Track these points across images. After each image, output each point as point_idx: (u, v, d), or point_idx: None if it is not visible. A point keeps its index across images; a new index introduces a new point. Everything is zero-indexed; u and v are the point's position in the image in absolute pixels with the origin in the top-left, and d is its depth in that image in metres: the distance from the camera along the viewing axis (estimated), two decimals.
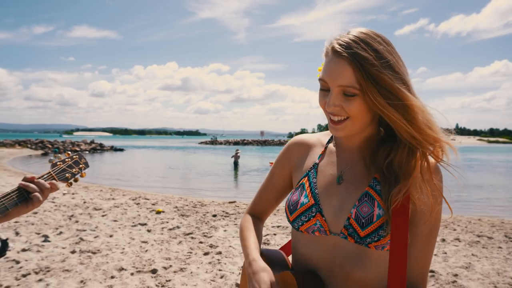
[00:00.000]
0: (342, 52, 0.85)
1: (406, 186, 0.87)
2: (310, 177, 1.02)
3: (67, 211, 7.11)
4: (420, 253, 0.92)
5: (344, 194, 0.96)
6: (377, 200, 0.90)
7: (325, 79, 0.89)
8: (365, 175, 0.96)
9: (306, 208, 0.97)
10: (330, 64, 0.88)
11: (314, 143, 1.11)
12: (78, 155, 1.34)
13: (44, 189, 1.12)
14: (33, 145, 40.65)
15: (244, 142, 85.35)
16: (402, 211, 0.87)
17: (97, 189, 11.30)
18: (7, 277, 3.73)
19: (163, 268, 4.09)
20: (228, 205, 8.98)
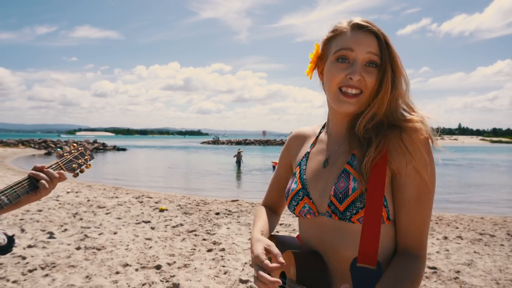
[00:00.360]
0: (369, 26, 0.95)
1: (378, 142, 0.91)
2: (301, 165, 1.09)
3: (71, 209, 7.17)
4: (410, 219, 0.91)
5: (328, 176, 1.00)
6: (352, 174, 0.94)
7: (354, 46, 0.93)
8: (345, 154, 1.00)
9: (295, 193, 1.04)
10: (357, 35, 0.95)
11: (309, 133, 1.18)
12: (83, 147, 1.38)
13: (53, 178, 1.16)
14: (36, 145, 40.84)
15: (246, 142, 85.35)
16: (378, 175, 0.89)
17: (100, 187, 11.37)
18: (14, 272, 3.78)
19: (167, 264, 4.14)
20: (230, 203, 9.01)
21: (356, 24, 0.96)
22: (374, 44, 0.94)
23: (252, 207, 8.36)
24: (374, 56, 0.93)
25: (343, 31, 0.98)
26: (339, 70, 0.95)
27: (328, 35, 1.02)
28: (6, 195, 1.07)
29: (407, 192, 0.92)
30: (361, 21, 0.96)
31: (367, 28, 0.95)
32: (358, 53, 0.93)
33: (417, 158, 0.90)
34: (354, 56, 0.94)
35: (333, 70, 0.97)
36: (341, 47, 0.95)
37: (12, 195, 1.08)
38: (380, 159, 0.91)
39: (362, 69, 0.93)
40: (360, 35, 0.95)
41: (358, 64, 0.93)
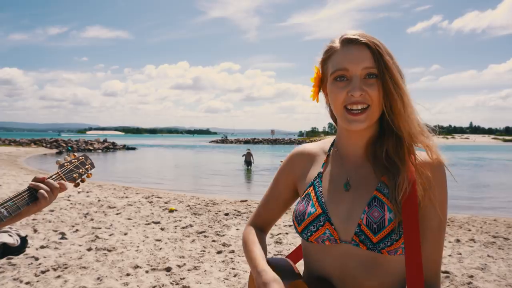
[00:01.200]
0: (359, 38, 0.92)
1: (406, 172, 0.90)
2: (316, 186, 1.02)
3: (82, 209, 7.25)
4: (432, 249, 0.93)
5: (352, 201, 0.95)
6: (386, 203, 0.91)
7: (347, 66, 0.91)
8: (371, 179, 0.97)
9: (314, 217, 0.96)
10: (348, 51, 0.92)
11: (316, 152, 1.11)
12: (84, 156, 1.38)
13: (53, 188, 1.16)
14: (48, 144, 41.42)
15: (254, 141, 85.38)
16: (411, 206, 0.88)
17: (110, 187, 11.47)
18: (27, 273, 3.83)
19: (177, 266, 4.15)
20: (239, 203, 9.02)
21: (346, 39, 0.94)
22: (367, 57, 0.91)
23: None
24: (371, 69, 0.91)
25: (336, 49, 0.96)
26: (340, 89, 0.93)
27: (323, 57, 1.00)
28: (6, 208, 1.07)
29: (429, 223, 0.93)
30: (351, 35, 0.93)
31: (357, 41, 0.92)
32: (353, 71, 0.91)
33: (439, 192, 0.92)
34: (350, 74, 0.92)
35: (334, 90, 0.94)
36: (336, 68, 0.93)
37: (12, 208, 1.08)
38: (410, 188, 0.90)
39: (362, 83, 0.91)
40: (352, 51, 0.92)
41: (356, 80, 0.91)
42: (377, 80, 0.91)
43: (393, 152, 0.94)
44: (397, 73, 0.92)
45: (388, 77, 0.89)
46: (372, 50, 0.90)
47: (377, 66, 0.90)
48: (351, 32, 0.94)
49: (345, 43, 0.93)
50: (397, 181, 0.90)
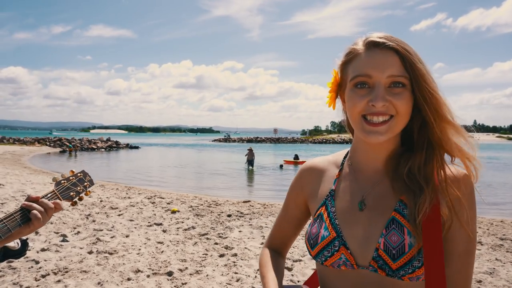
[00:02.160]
0: (386, 42, 0.82)
1: (430, 192, 0.81)
2: (328, 206, 0.94)
3: (84, 210, 7.20)
4: (459, 274, 0.83)
5: (368, 222, 0.87)
6: (406, 226, 0.82)
7: (370, 72, 0.81)
8: (389, 198, 0.88)
9: (328, 241, 0.89)
10: (373, 56, 0.82)
11: (326, 166, 1.03)
12: (82, 172, 1.31)
13: (48, 209, 1.09)
14: (52, 143, 41.55)
15: (257, 139, 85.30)
16: (434, 229, 0.80)
17: (113, 187, 11.44)
18: (27, 277, 3.78)
19: (178, 271, 4.08)
20: (242, 204, 8.95)
21: (371, 42, 0.84)
22: (395, 64, 0.81)
23: (264, 209, 8.28)
24: (398, 77, 0.80)
25: (358, 52, 0.85)
26: (359, 97, 0.83)
27: (344, 59, 0.90)
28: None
29: (456, 247, 0.84)
30: (377, 38, 0.83)
31: (385, 45, 0.82)
32: (377, 78, 0.81)
33: (467, 213, 0.83)
34: (373, 81, 0.82)
35: (353, 98, 0.84)
36: (357, 73, 0.83)
37: (2, 230, 1.01)
38: (432, 209, 0.81)
39: (386, 92, 0.81)
40: (377, 56, 0.82)
41: (380, 88, 0.81)
42: (405, 89, 0.81)
43: (417, 169, 0.85)
44: (432, 82, 0.82)
45: (423, 86, 0.80)
46: (401, 56, 0.81)
47: (407, 74, 0.80)
48: (376, 34, 0.84)
49: (370, 46, 0.83)
50: (418, 201, 0.81)
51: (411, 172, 0.85)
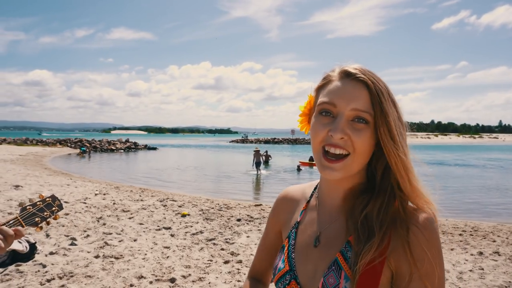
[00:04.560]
0: (358, 74, 0.79)
1: (379, 239, 0.75)
2: (290, 238, 0.93)
3: (97, 213, 7.31)
4: None
5: (319, 259, 0.84)
6: (344, 269, 0.78)
7: (335, 101, 0.78)
8: (340, 238, 0.84)
9: (281, 274, 0.89)
10: (343, 86, 0.80)
11: (299, 197, 1.01)
12: (51, 197, 1.30)
13: (7, 236, 1.10)
14: (73, 144, 42.64)
15: (274, 140, 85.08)
16: (372, 278, 0.74)
17: (127, 189, 11.59)
18: (32, 281, 3.84)
19: (182, 277, 4.07)
20: (253, 208, 8.91)
21: (345, 71, 0.81)
22: (362, 98, 0.77)
23: None
24: (362, 112, 0.76)
25: (332, 79, 0.83)
26: (321, 125, 0.79)
27: (319, 84, 0.87)
28: None
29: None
30: (352, 68, 0.81)
31: (356, 77, 0.79)
32: (340, 108, 0.77)
33: (426, 265, 0.74)
34: (337, 111, 0.78)
35: (315, 125, 0.81)
36: (323, 100, 0.80)
37: None
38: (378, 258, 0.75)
39: (348, 126, 0.77)
40: (346, 86, 0.79)
41: (341, 120, 0.77)
42: (368, 126, 0.77)
43: (375, 213, 0.79)
44: (399, 124, 0.78)
45: (386, 128, 0.76)
46: (371, 91, 0.77)
47: (372, 111, 0.76)
48: (352, 65, 0.82)
49: (343, 75, 0.81)
50: (364, 246, 0.75)
51: (367, 217, 0.80)
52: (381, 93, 0.78)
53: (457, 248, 5.70)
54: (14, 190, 9.57)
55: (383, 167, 0.81)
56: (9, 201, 7.99)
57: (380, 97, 0.77)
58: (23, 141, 43.86)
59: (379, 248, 0.75)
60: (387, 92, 0.80)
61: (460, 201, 11.72)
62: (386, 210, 0.79)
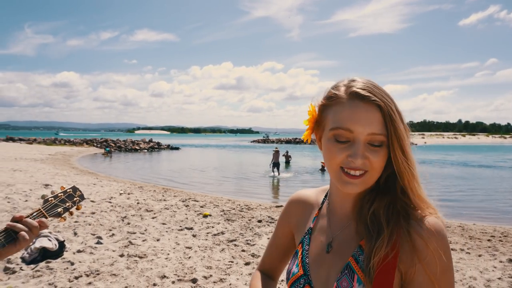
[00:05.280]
0: (370, 96, 0.79)
1: (389, 235, 0.78)
2: (304, 244, 0.97)
3: (121, 212, 7.51)
4: None
5: (331, 264, 0.88)
6: (356, 272, 0.80)
7: (351, 127, 0.78)
8: (351, 243, 0.86)
9: (295, 278, 0.92)
10: (356, 110, 0.79)
11: (311, 201, 1.05)
12: (72, 188, 1.34)
13: (32, 227, 1.14)
14: (98, 144, 43.91)
15: (295, 140, 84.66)
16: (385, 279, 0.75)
17: (151, 189, 11.84)
18: (61, 278, 3.99)
19: (203, 278, 4.13)
20: (274, 209, 8.91)
21: (355, 93, 0.80)
22: (376, 120, 0.78)
23: None
24: (378, 136, 0.78)
25: (341, 100, 0.81)
26: (339, 150, 0.80)
27: (324, 102, 0.86)
28: None
29: None
30: (361, 90, 0.79)
31: (369, 99, 0.78)
32: (357, 134, 0.78)
33: (434, 265, 0.76)
34: (353, 137, 0.79)
35: (332, 149, 0.81)
36: (338, 125, 0.80)
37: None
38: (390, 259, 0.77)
39: (365, 149, 0.79)
40: (360, 110, 0.79)
41: (359, 146, 0.78)
42: (383, 146, 0.79)
43: (381, 211, 0.82)
44: (407, 139, 0.80)
45: (398, 146, 0.78)
46: (384, 113, 0.78)
47: (386, 131, 0.78)
48: (360, 84, 0.81)
49: (353, 97, 0.80)
50: (374, 246, 0.78)
51: (375, 213, 0.83)
52: (392, 112, 0.78)
53: (485, 254, 5.51)
54: (43, 189, 9.95)
55: (387, 173, 0.84)
56: (39, 200, 8.32)
57: (392, 116, 0.78)
58: (52, 141, 45.55)
59: (390, 243, 0.77)
60: (395, 107, 0.80)
61: (489, 204, 11.31)
62: (392, 207, 0.82)
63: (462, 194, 13.25)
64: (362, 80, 0.82)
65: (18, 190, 9.35)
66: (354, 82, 0.82)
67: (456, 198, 12.22)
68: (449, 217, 8.95)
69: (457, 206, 10.63)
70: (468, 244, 6.10)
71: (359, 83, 0.81)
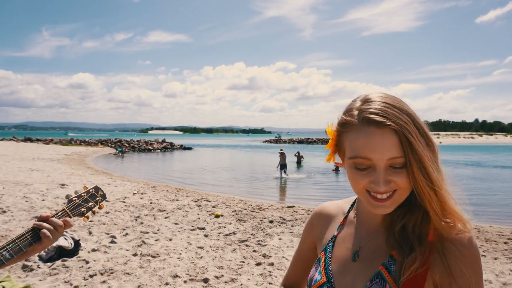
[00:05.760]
0: (384, 121, 0.76)
1: (422, 253, 0.77)
2: (327, 251, 0.96)
3: (135, 212, 7.63)
4: None
5: (358, 273, 0.86)
6: (388, 282, 0.80)
7: (369, 155, 0.77)
8: (381, 252, 0.86)
9: (318, 285, 0.91)
10: (371, 137, 0.77)
11: (335, 212, 1.04)
12: (95, 188, 1.39)
13: (57, 227, 1.18)
14: (113, 144, 44.58)
15: (308, 140, 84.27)
16: None
17: (164, 189, 11.97)
18: (77, 276, 4.09)
19: (214, 278, 4.17)
20: (286, 210, 8.90)
21: (367, 119, 0.77)
22: (394, 144, 0.75)
23: (308, 215, 8.16)
24: (398, 159, 0.76)
25: (354, 126, 0.80)
26: (361, 177, 0.79)
27: (339, 128, 0.85)
28: (8, 250, 1.10)
29: None
30: (375, 115, 0.77)
31: (383, 124, 0.76)
32: (376, 161, 0.77)
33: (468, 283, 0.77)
34: (373, 164, 0.78)
35: (353, 176, 0.81)
36: (355, 155, 0.78)
37: (14, 250, 1.11)
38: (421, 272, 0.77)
39: (387, 173, 0.77)
40: (375, 137, 0.76)
41: (380, 174, 0.77)
42: (404, 167, 0.77)
43: (411, 227, 0.82)
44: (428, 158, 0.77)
45: (418, 169, 0.76)
46: (400, 136, 0.75)
47: (405, 155, 0.76)
48: (374, 107, 0.78)
49: (366, 123, 0.77)
50: (406, 259, 0.78)
51: (405, 229, 0.82)
52: (409, 133, 0.76)
53: (501, 257, 5.40)
54: (60, 189, 10.18)
55: None
56: (56, 199, 8.52)
57: (409, 138, 0.75)
58: (68, 141, 46.46)
59: (421, 260, 0.77)
60: (414, 125, 0.77)
61: (507, 206, 11.07)
62: (423, 223, 0.81)
63: (479, 196, 12.99)
64: (377, 99, 0.80)
65: (35, 190, 9.59)
66: (367, 104, 0.79)
67: (472, 199, 11.92)
68: None
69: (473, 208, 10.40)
70: (483, 247, 5.99)
71: (373, 104, 0.78)
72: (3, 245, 1.11)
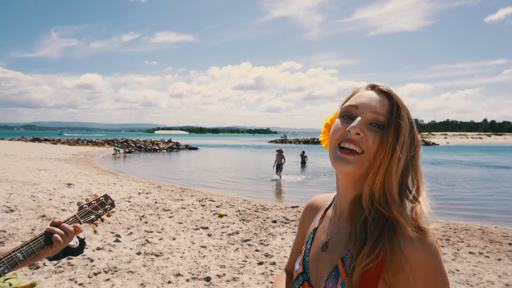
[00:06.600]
0: (382, 86, 0.88)
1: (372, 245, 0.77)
2: (307, 243, 1.02)
3: (139, 211, 7.71)
4: None
5: (324, 264, 0.91)
6: (342, 276, 0.82)
7: (357, 103, 0.87)
8: (343, 245, 0.89)
9: (297, 275, 0.98)
10: (365, 93, 0.89)
11: (321, 205, 1.10)
12: (104, 196, 1.46)
13: (68, 232, 1.27)
14: (119, 144, 44.90)
15: (314, 140, 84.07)
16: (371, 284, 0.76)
17: (168, 188, 12.06)
18: (81, 274, 4.16)
19: (216, 276, 4.21)
20: (290, 210, 8.93)
21: (372, 84, 0.91)
22: (382, 104, 0.85)
23: None
24: (380, 116, 0.83)
25: (358, 91, 0.92)
26: (341, 124, 0.87)
27: (346, 97, 0.96)
28: (21, 252, 1.18)
29: None
30: (379, 83, 0.90)
31: (379, 88, 0.88)
32: (361, 110, 0.85)
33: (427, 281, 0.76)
34: (357, 112, 0.86)
35: (335, 125, 0.89)
36: (347, 104, 0.89)
37: (27, 252, 1.18)
38: (374, 267, 0.76)
39: (365, 126, 0.83)
40: (369, 94, 0.88)
41: (360, 119, 0.84)
42: (382, 130, 0.82)
43: (370, 219, 0.82)
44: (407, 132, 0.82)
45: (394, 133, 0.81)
46: (392, 101, 0.85)
47: (388, 115, 0.83)
48: (380, 83, 0.91)
49: (369, 87, 0.91)
50: (358, 253, 0.79)
51: (365, 221, 0.83)
52: (401, 106, 0.84)
53: (505, 258, 5.38)
54: (66, 188, 10.31)
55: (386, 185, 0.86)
56: (62, 198, 8.64)
57: (399, 106, 0.84)
58: (75, 141, 46.90)
59: (372, 253, 0.76)
60: (407, 110, 0.85)
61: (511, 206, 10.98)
62: (381, 218, 0.81)
63: (484, 196, 12.90)
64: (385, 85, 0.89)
65: (43, 189, 9.72)
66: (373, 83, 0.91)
67: (477, 200, 11.92)
68: (469, 219, 8.75)
69: (478, 209, 10.37)
70: (487, 248, 5.97)
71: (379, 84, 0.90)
72: (17, 247, 1.19)
